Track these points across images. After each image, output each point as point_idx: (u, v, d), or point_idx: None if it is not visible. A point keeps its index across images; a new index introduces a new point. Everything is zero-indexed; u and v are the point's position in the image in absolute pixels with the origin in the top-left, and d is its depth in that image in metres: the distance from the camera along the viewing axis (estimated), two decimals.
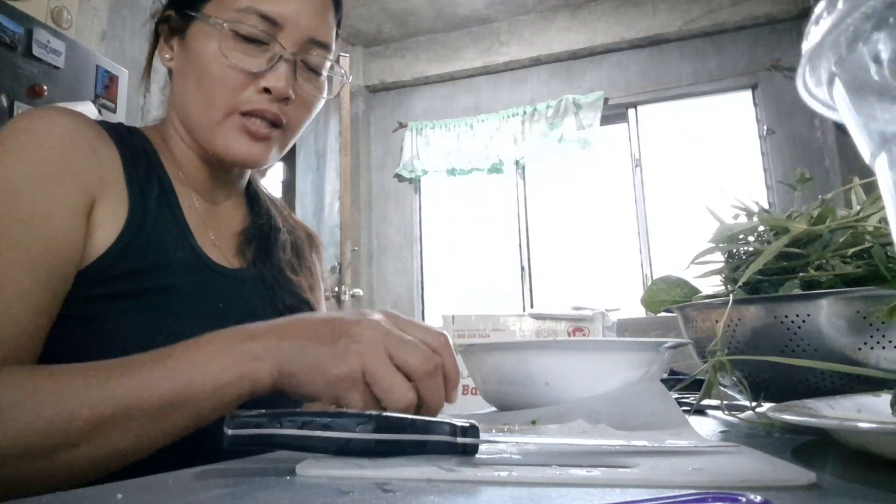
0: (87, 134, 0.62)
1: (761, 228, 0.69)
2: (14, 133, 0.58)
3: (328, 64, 0.71)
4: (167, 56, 0.71)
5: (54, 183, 0.57)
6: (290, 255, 0.80)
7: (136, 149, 0.67)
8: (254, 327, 0.50)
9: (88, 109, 2.18)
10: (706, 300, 0.68)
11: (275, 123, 0.68)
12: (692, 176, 4.01)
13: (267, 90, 0.65)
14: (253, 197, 0.82)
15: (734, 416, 0.62)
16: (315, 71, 0.70)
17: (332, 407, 0.49)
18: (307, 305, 0.78)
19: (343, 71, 0.74)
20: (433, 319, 4.59)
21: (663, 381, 0.61)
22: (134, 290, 0.60)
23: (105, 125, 0.67)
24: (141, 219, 0.63)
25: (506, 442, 0.40)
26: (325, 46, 0.70)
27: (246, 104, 0.66)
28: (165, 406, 0.46)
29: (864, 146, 0.22)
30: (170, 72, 0.73)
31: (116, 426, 0.46)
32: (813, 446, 0.43)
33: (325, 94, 0.72)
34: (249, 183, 0.83)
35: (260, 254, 0.76)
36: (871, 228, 0.59)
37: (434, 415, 0.48)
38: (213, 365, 0.47)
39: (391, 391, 0.46)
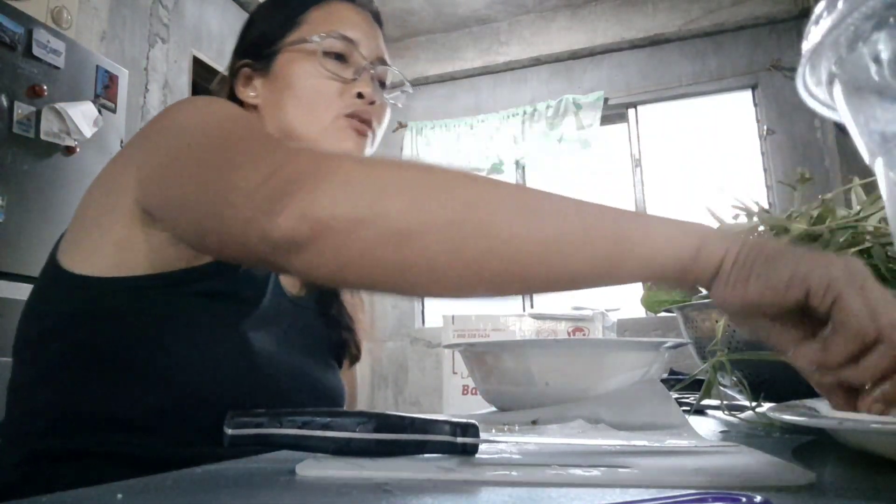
0: None
1: (761, 228, 0.69)
2: None
3: (390, 75, 0.82)
4: (252, 94, 0.77)
5: None
6: (352, 299, 0.85)
7: None
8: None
9: (88, 109, 2.18)
10: (706, 300, 0.68)
11: (368, 123, 0.77)
12: (692, 176, 4.01)
13: (360, 95, 0.74)
14: None
15: (734, 416, 0.62)
16: (382, 82, 0.80)
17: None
18: (359, 351, 0.83)
19: (405, 80, 0.84)
20: (433, 319, 4.59)
21: (663, 381, 0.61)
22: (213, 291, 0.62)
23: None
24: None
25: (506, 442, 0.40)
26: (387, 62, 0.81)
27: (348, 108, 0.74)
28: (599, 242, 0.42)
29: (864, 146, 0.22)
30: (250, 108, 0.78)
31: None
32: (813, 446, 0.43)
33: (396, 102, 0.82)
34: None
35: (327, 289, 0.79)
36: (871, 228, 0.59)
37: None
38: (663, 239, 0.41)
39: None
